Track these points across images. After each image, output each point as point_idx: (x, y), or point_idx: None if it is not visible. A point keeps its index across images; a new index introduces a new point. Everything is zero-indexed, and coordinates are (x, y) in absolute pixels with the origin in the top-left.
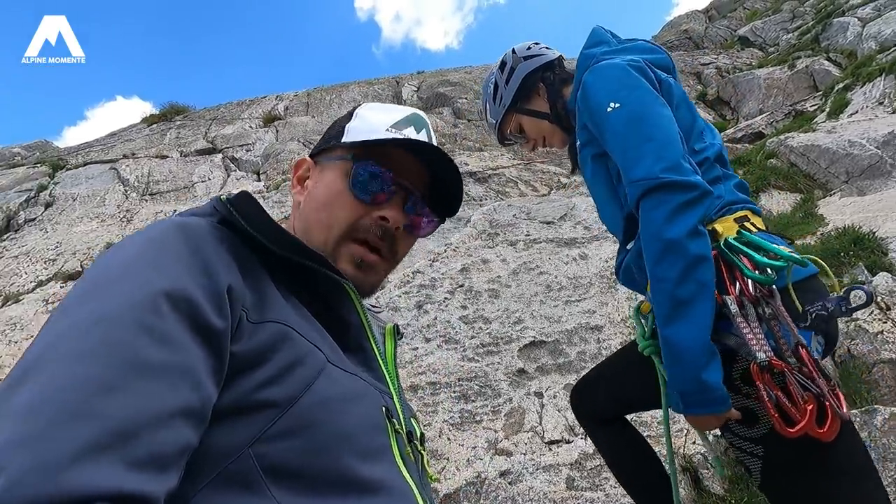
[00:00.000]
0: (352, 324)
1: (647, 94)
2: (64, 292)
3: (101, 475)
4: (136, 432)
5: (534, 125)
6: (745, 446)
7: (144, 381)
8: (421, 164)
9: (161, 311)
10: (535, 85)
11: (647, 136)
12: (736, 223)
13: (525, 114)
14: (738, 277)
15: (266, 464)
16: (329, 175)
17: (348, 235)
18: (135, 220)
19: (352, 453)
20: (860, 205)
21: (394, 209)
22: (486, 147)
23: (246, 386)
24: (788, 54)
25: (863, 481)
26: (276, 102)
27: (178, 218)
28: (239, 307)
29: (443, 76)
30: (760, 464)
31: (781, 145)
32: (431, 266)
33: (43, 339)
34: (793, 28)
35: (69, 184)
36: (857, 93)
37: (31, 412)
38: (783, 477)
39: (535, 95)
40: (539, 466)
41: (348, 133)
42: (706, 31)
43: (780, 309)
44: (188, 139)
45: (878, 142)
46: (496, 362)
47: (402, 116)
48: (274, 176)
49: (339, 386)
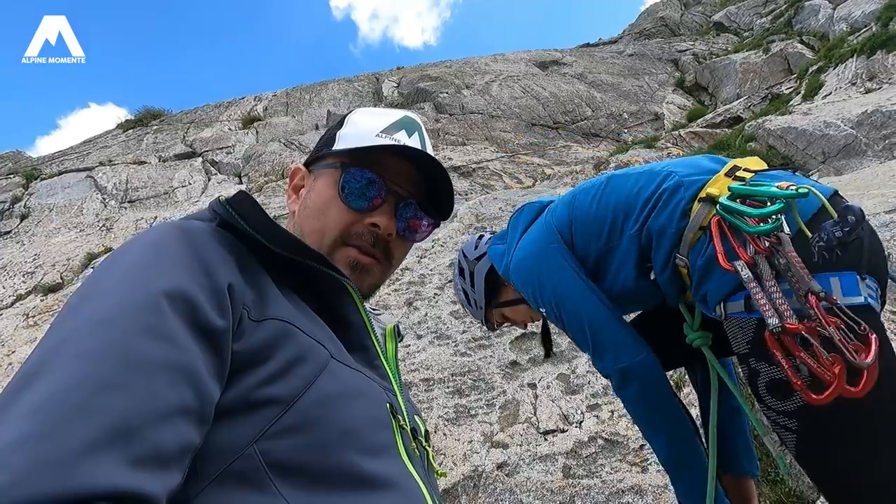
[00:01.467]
0: (353, 322)
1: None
2: (45, 305)
3: (102, 473)
4: (137, 430)
5: (514, 312)
6: (780, 420)
7: (145, 379)
8: (412, 168)
9: (162, 311)
10: (498, 278)
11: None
12: (727, 177)
13: (502, 306)
14: (746, 237)
15: (271, 460)
16: (321, 183)
17: (341, 241)
18: (115, 229)
19: (357, 449)
20: (838, 184)
21: (385, 215)
22: (469, 141)
23: (248, 383)
24: (763, 38)
25: None
26: (254, 103)
27: (178, 221)
28: (240, 306)
29: (423, 71)
30: (795, 437)
31: (760, 128)
32: (420, 262)
33: (48, 342)
34: (766, 12)
35: (45, 194)
36: (831, 74)
37: (34, 412)
38: (818, 450)
39: (503, 287)
40: (535, 457)
41: (339, 140)
42: (682, 18)
43: (791, 256)
44: (166, 144)
45: (852, 122)
46: (489, 356)
47: (393, 121)
48: (256, 178)
49: (343, 382)
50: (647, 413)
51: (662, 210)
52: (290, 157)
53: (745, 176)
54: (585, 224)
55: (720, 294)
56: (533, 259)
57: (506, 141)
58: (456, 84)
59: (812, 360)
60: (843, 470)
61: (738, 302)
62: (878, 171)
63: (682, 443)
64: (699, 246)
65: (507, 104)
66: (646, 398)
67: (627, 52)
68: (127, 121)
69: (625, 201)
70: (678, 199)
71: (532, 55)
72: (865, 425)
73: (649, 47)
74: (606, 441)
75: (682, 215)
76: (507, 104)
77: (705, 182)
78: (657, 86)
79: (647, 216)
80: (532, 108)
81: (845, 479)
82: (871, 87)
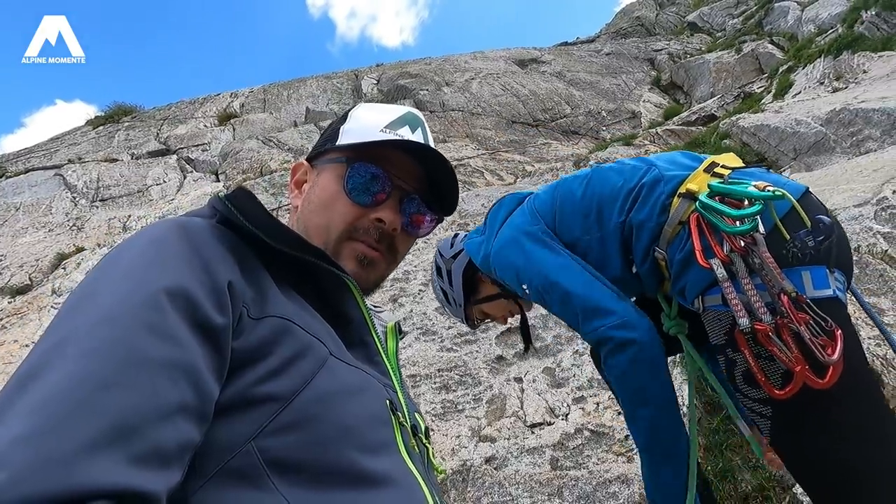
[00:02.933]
0: (353, 319)
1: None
2: (13, 308)
3: (103, 471)
4: (138, 428)
5: (493, 307)
6: (755, 407)
7: (146, 377)
8: (416, 164)
9: (162, 308)
10: (475, 274)
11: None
12: (706, 173)
13: (481, 303)
14: (723, 235)
15: (269, 457)
16: (325, 178)
17: (346, 236)
18: (86, 228)
19: (356, 446)
20: (808, 179)
21: (389, 210)
22: (450, 138)
23: (247, 380)
24: (735, 39)
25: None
26: (231, 100)
27: (177, 218)
28: (240, 303)
29: (402, 68)
30: (770, 423)
31: (733, 126)
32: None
33: (48, 340)
34: (737, 13)
35: (10, 193)
36: (800, 74)
37: (36, 411)
38: (790, 436)
39: (480, 283)
40: (523, 450)
41: (343, 135)
42: (657, 18)
43: (765, 256)
44: (139, 141)
45: (821, 119)
46: (475, 351)
47: (397, 116)
48: (234, 175)
49: (342, 379)
50: (637, 384)
51: (644, 204)
52: (269, 154)
53: (723, 173)
54: (570, 213)
55: (697, 289)
56: (514, 242)
57: (486, 138)
58: (436, 81)
59: (782, 353)
60: (813, 456)
61: (716, 295)
62: (846, 166)
63: (669, 426)
64: (678, 241)
65: (488, 101)
66: (639, 367)
67: (605, 50)
68: (97, 117)
69: (609, 193)
70: (658, 194)
71: (511, 53)
72: (835, 413)
73: (626, 46)
74: (592, 432)
75: (662, 210)
76: (488, 101)
77: (684, 178)
78: (634, 84)
79: (630, 209)
80: (512, 105)
81: (819, 467)
82: (838, 86)
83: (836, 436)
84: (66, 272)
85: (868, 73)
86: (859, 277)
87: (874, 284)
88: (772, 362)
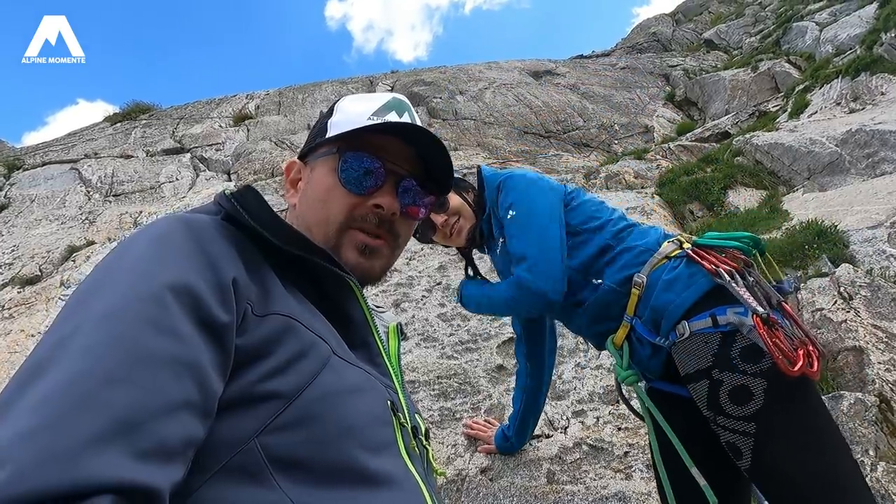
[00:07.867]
0: (355, 319)
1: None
2: (21, 298)
3: (107, 466)
4: (142, 424)
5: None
6: (738, 426)
7: (150, 373)
8: (408, 147)
9: (166, 305)
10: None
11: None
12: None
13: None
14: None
15: (272, 455)
16: (319, 172)
17: (346, 225)
18: (98, 222)
19: (357, 445)
20: (822, 200)
21: (387, 195)
22: (461, 146)
23: (251, 378)
24: (751, 57)
25: (846, 455)
26: (246, 101)
27: (182, 214)
28: (244, 300)
29: (417, 76)
30: (752, 441)
31: (747, 144)
32: (408, 264)
33: (53, 335)
34: (755, 32)
35: (26, 184)
36: (816, 94)
37: (40, 405)
38: (774, 452)
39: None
40: (519, 462)
41: (331, 128)
42: (673, 34)
43: (758, 275)
44: (154, 138)
45: (836, 140)
46: (475, 359)
47: (382, 103)
48: (245, 176)
49: (344, 378)
50: (506, 311)
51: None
52: (281, 156)
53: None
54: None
55: (682, 308)
56: (534, 180)
57: (497, 147)
58: (450, 89)
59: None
60: (793, 468)
61: (705, 319)
62: (860, 188)
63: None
64: (663, 267)
65: (500, 111)
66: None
67: (620, 65)
68: (115, 114)
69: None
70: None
71: (526, 64)
72: (817, 428)
73: (641, 61)
74: (591, 447)
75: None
76: (500, 111)
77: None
78: (648, 99)
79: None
80: (524, 116)
81: (799, 479)
82: (854, 107)
83: (819, 449)
84: (76, 265)
85: (886, 94)
86: (871, 301)
87: (886, 308)
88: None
